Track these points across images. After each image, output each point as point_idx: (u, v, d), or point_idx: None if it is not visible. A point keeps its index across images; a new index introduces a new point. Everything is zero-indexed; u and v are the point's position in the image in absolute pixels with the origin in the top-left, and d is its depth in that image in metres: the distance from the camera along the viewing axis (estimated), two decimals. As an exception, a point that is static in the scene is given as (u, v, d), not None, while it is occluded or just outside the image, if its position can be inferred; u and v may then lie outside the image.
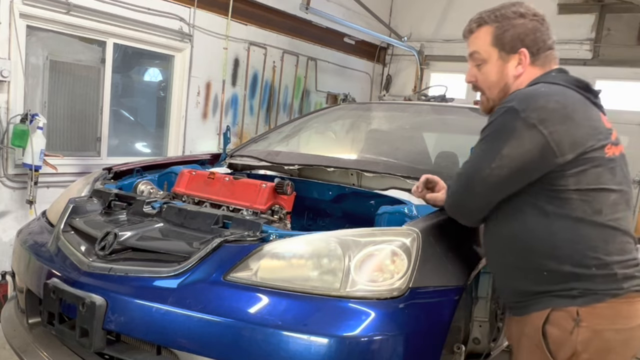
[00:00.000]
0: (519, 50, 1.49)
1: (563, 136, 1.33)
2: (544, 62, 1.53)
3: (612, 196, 1.37)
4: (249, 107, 5.60)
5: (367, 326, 1.41)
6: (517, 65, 1.51)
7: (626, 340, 1.38)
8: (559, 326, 1.37)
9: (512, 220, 1.45)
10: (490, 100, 1.56)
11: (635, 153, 5.91)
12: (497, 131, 1.39)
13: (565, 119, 1.34)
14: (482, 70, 1.55)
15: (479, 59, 1.55)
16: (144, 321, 1.52)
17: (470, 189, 1.45)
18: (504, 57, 1.51)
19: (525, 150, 1.33)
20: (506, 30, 1.49)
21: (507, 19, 1.50)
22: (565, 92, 1.41)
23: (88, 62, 4.08)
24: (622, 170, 1.43)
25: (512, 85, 1.52)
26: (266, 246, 1.59)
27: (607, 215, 1.36)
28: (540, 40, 1.51)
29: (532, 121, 1.33)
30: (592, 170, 1.35)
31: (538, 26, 1.50)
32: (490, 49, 1.52)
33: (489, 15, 1.53)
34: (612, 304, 1.34)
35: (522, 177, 1.37)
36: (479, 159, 1.42)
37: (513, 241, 1.45)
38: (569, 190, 1.35)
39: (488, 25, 1.52)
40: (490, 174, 1.38)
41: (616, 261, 1.35)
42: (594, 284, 1.35)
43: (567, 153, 1.33)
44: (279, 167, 2.59)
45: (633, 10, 5.78)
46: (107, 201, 2.08)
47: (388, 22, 7.33)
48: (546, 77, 1.49)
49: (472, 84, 1.60)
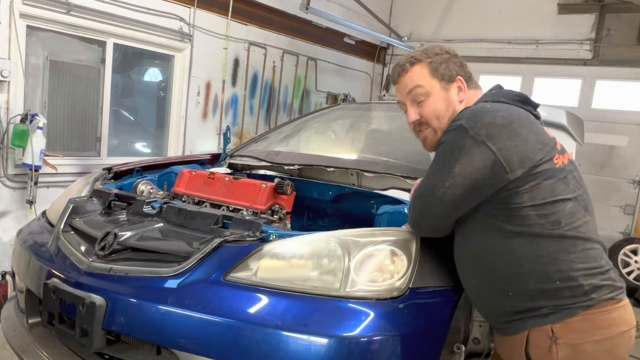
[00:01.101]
0: (456, 78, 1.57)
1: (511, 152, 1.35)
2: (475, 86, 1.63)
3: (568, 205, 1.38)
4: (249, 107, 5.60)
5: (367, 326, 1.41)
6: (459, 92, 1.58)
7: (609, 349, 1.38)
8: (538, 347, 1.38)
9: (473, 241, 1.47)
10: (438, 131, 1.56)
11: (635, 153, 5.96)
12: (448, 150, 1.42)
13: (512, 135, 1.36)
14: (426, 104, 1.57)
15: (422, 93, 1.56)
16: (143, 321, 1.51)
17: (428, 210, 1.47)
18: (445, 87, 1.57)
19: (476, 167, 1.36)
20: (440, 63, 1.57)
21: (436, 55, 1.59)
22: (510, 109, 1.44)
23: (88, 62, 4.08)
24: (574, 177, 1.45)
25: (458, 110, 1.55)
26: (266, 246, 1.59)
27: (566, 226, 1.37)
28: (466, 68, 1.61)
29: (480, 138, 1.35)
30: (545, 183, 1.36)
31: (460, 59, 1.62)
32: (430, 80, 1.56)
33: (419, 54, 1.60)
34: (585, 316, 1.35)
35: (476, 194, 1.39)
36: (433, 179, 1.44)
37: (475, 262, 1.48)
38: (525, 207, 1.36)
39: (421, 61, 1.58)
40: (445, 193, 1.40)
41: (580, 269, 1.35)
42: (561, 299, 1.35)
43: (517, 169, 1.35)
44: (279, 167, 2.59)
45: (633, 10, 5.78)
46: (107, 201, 2.08)
47: (388, 22, 7.33)
48: (487, 96, 1.55)
49: (417, 123, 1.60)
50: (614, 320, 1.38)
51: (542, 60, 6.50)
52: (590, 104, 6.25)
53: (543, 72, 6.56)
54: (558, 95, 6.44)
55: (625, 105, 6.02)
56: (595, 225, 1.45)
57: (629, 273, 5.47)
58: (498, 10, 6.72)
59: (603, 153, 6.06)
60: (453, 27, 6.99)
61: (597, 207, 1.50)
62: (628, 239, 5.81)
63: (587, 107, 6.20)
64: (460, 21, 6.97)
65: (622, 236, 5.96)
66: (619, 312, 1.39)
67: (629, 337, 1.41)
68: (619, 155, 6.03)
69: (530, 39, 6.52)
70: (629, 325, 1.42)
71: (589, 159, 5.94)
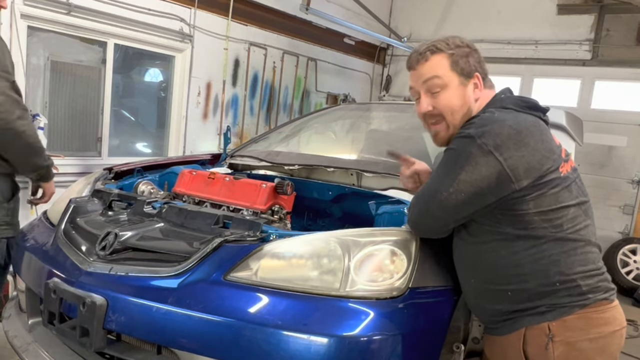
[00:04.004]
0: (474, 75, 1.54)
1: (518, 162, 1.35)
2: (490, 85, 1.59)
3: (571, 210, 1.40)
4: (249, 107, 5.60)
5: (367, 326, 1.41)
6: (475, 89, 1.54)
7: (602, 348, 1.40)
8: (534, 344, 1.39)
9: (473, 241, 1.48)
10: (451, 127, 1.54)
11: (634, 153, 5.97)
12: (455, 157, 1.41)
13: (519, 145, 1.36)
14: (442, 96, 1.52)
15: (438, 85, 1.52)
16: (144, 321, 1.52)
17: (428, 212, 1.48)
18: (463, 82, 1.52)
19: (481, 176, 1.36)
20: (461, 57, 1.52)
21: (458, 47, 1.53)
22: (518, 117, 1.43)
23: (89, 62, 4.08)
24: (577, 184, 1.46)
25: (474, 109, 1.53)
26: (266, 246, 1.60)
27: (568, 229, 1.39)
28: (485, 66, 1.58)
29: (488, 148, 1.35)
30: (551, 192, 1.38)
31: (480, 55, 1.57)
32: (449, 73, 1.52)
33: (440, 44, 1.54)
34: (581, 315, 1.37)
35: (479, 201, 1.40)
36: (437, 183, 1.44)
37: (475, 262, 1.49)
38: (529, 213, 1.38)
39: (443, 52, 1.52)
40: (448, 198, 1.40)
41: (579, 272, 1.38)
42: (559, 298, 1.37)
43: (523, 179, 1.35)
44: (279, 167, 2.59)
45: (632, 11, 5.79)
46: (107, 201, 2.09)
47: (388, 23, 7.34)
48: (497, 102, 1.52)
49: (428, 115, 1.56)
50: (607, 319, 1.40)
51: (541, 60, 6.50)
52: (589, 104, 6.25)
53: (542, 73, 6.57)
54: (557, 96, 6.45)
55: (625, 105, 6.03)
56: (595, 229, 1.47)
57: (628, 273, 5.48)
58: (497, 11, 6.73)
59: (602, 153, 6.07)
60: (453, 27, 6.99)
61: (596, 208, 1.52)
62: (627, 239, 5.81)
63: (587, 107, 6.21)
64: (460, 22, 6.97)
65: (621, 236, 5.97)
66: (612, 312, 1.42)
67: (620, 337, 1.44)
68: (618, 156, 6.04)
69: (529, 40, 6.53)
70: (620, 325, 1.45)
71: (588, 159, 5.95)
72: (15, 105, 2.11)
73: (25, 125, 2.12)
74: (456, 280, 1.59)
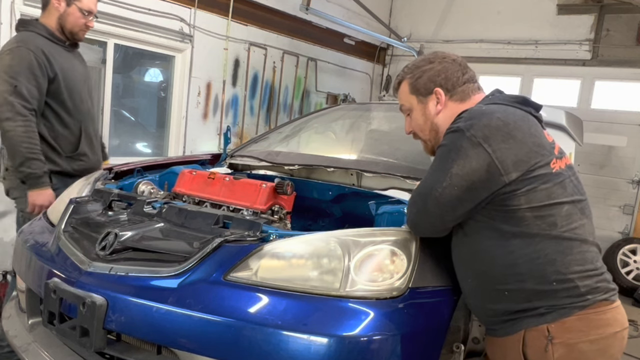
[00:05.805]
0: (433, 90, 1.62)
1: (506, 155, 1.36)
2: (462, 95, 1.62)
3: (564, 207, 1.40)
4: (249, 107, 5.61)
5: (367, 326, 1.41)
6: (436, 104, 1.63)
7: (603, 349, 1.39)
8: (534, 346, 1.39)
9: (470, 241, 1.49)
10: (428, 142, 1.70)
11: (634, 153, 5.97)
12: (447, 152, 1.44)
13: (507, 138, 1.38)
14: (412, 118, 1.69)
15: (407, 109, 1.70)
16: (144, 321, 1.52)
17: (426, 209, 1.48)
18: (422, 100, 1.65)
19: (472, 168, 1.37)
20: (418, 78, 1.65)
21: (417, 68, 1.66)
22: (507, 110, 1.45)
23: (89, 62, 4.06)
24: (572, 181, 1.46)
25: (439, 122, 1.62)
26: (266, 246, 1.60)
27: (562, 227, 1.39)
28: (453, 77, 1.62)
29: (477, 139, 1.37)
30: (542, 187, 1.38)
31: (447, 66, 1.63)
32: (409, 97, 1.68)
33: (404, 71, 1.70)
34: (580, 316, 1.36)
35: (472, 196, 1.41)
36: (432, 180, 1.46)
37: (473, 262, 1.50)
38: (521, 209, 1.38)
39: (405, 79, 1.69)
40: (442, 193, 1.42)
41: (576, 271, 1.37)
42: (557, 299, 1.37)
43: (511, 172, 1.36)
44: (279, 167, 2.59)
45: (632, 11, 5.79)
46: (107, 201, 2.09)
47: (388, 23, 7.34)
48: (486, 100, 1.58)
49: (412, 133, 1.74)
50: (608, 320, 1.40)
51: (541, 60, 6.51)
52: (589, 104, 6.26)
53: (542, 73, 6.57)
54: (557, 96, 6.45)
55: (625, 105, 6.03)
56: (593, 229, 1.47)
57: (628, 273, 5.48)
58: (497, 11, 6.73)
59: (602, 153, 6.07)
60: (452, 27, 7.00)
61: (596, 208, 1.52)
62: (627, 239, 5.82)
63: (587, 107, 6.21)
64: (460, 22, 6.98)
65: (621, 236, 5.97)
66: (613, 313, 1.41)
67: (621, 338, 1.43)
68: (618, 156, 6.04)
69: (529, 40, 6.53)
70: (622, 326, 1.44)
71: (588, 159, 5.96)
72: (9, 108, 2.32)
73: (13, 127, 2.34)
74: (456, 281, 1.59)
